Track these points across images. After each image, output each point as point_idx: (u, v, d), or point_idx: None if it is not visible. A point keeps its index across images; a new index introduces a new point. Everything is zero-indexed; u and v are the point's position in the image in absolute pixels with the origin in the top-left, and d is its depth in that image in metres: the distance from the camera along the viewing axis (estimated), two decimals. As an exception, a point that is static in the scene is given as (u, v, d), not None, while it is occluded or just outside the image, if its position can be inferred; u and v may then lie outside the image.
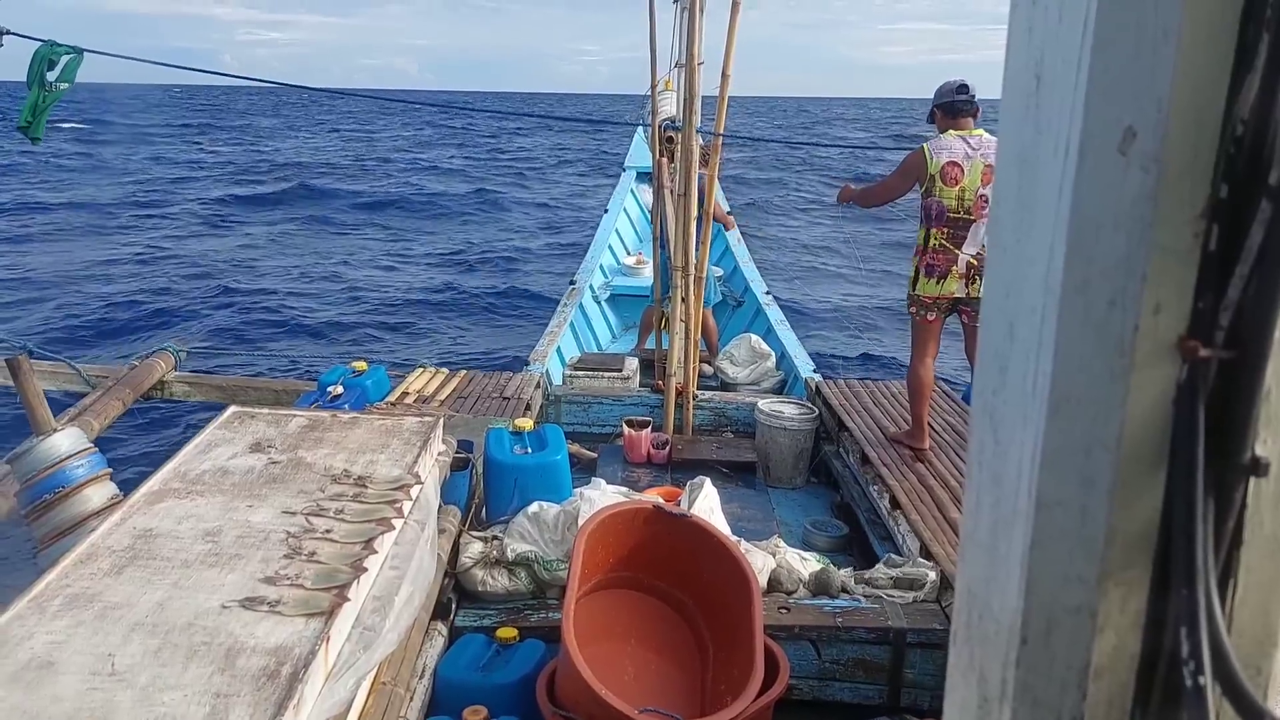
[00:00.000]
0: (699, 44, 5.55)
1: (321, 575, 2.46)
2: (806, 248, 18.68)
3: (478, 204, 24.27)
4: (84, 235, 17.95)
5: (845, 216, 14.77)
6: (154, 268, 15.00)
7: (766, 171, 32.20)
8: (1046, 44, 0.71)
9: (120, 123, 51.11)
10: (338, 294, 13.85)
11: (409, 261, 16.73)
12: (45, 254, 15.73)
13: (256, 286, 13.97)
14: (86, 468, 3.88)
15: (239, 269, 15.29)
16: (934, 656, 3.55)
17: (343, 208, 22.80)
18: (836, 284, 15.46)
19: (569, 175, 32.84)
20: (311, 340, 11.44)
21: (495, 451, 4.08)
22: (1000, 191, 0.80)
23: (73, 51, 4.89)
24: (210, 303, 12.89)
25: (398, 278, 15.22)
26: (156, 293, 13.25)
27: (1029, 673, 0.75)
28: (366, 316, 12.60)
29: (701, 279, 6.05)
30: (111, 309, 12.26)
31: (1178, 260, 0.65)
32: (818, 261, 17.32)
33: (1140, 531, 0.69)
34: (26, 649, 2.08)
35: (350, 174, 29.77)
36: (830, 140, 40.73)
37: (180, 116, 64.22)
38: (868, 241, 17.71)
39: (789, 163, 35.62)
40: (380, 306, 13.17)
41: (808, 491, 5.66)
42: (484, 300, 13.68)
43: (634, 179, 12.06)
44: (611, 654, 3.22)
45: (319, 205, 22.79)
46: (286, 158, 34.93)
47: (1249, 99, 0.62)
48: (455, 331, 12.22)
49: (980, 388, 0.83)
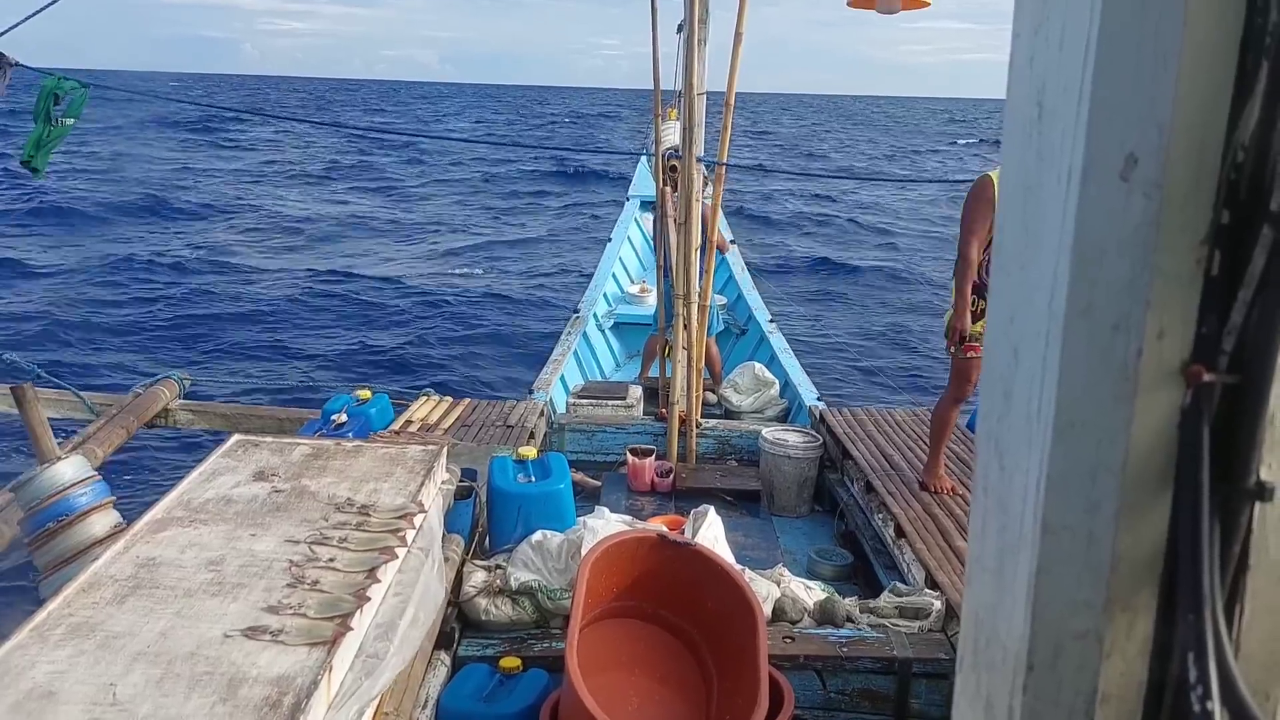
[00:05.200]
0: (698, 74, 5.59)
1: (325, 604, 2.45)
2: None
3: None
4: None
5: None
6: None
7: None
8: (1048, 73, 0.72)
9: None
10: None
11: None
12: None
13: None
14: (90, 496, 3.88)
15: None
16: (939, 686, 3.53)
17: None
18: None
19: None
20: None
21: (499, 480, 4.08)
22: (1004, 218, 0.80)
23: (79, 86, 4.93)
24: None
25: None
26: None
27: (1036, 699, 0.75)
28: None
29: (705, 307, 6.06)
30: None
31: (1181, 285, 0.65)
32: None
33: (1146, 556, 0.69)
34: (28, 679, 2.07)
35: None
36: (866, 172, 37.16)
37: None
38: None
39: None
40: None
41: (812, 520, 5.64)
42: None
43: (638, 207, 12.12)
44: (615, 684, 3.20)
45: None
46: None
47: (1249, 125, 0.62)
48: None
49: (985, 413, 0.83)
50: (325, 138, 45.86)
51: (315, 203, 25.83)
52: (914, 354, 12.75)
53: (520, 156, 37.41)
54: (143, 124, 45.35)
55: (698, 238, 5.80)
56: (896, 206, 28.39)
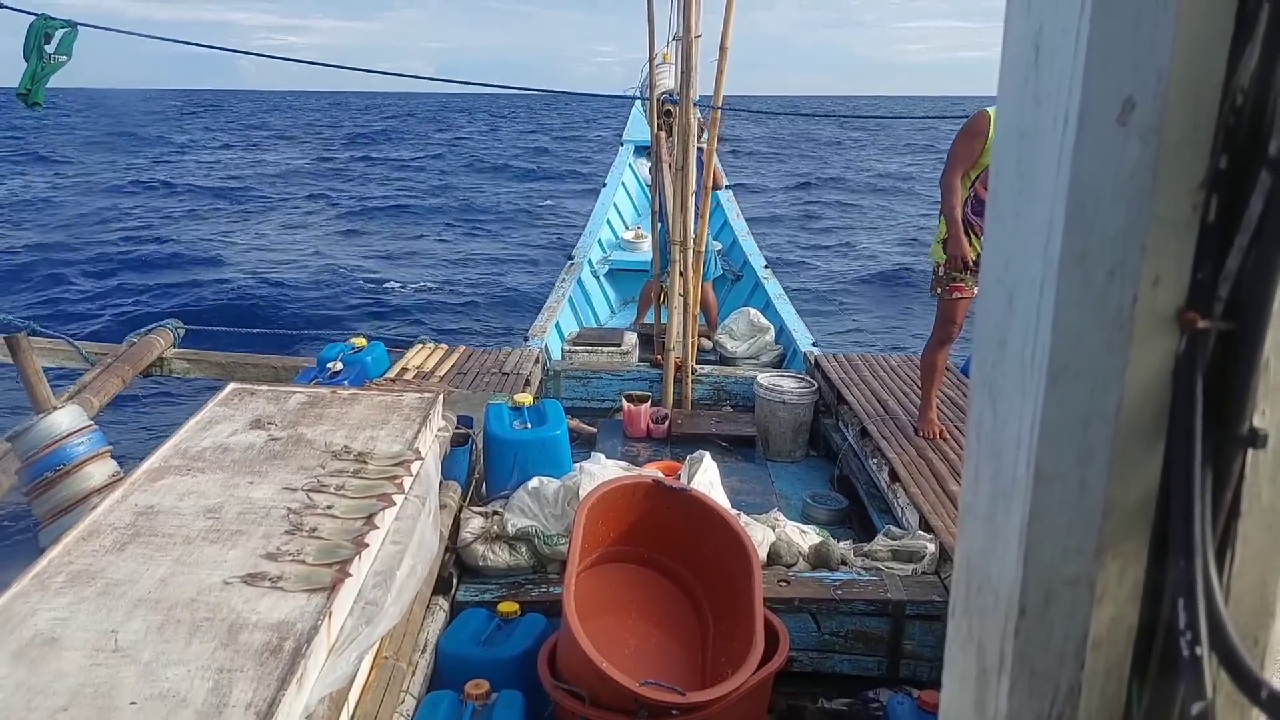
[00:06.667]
0: (696, 16, 5.52)
1: (323, 551, 2.47)
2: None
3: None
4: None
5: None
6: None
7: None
8: (1045, 15, 0.71)
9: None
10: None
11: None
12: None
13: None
14: (87, 445, 3.88)
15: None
16: (933, 628, 3.57)
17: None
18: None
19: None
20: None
21: (495, 427, 4.08)
22: (999, 163, 0.79)
23: (67, 25, 4.87)
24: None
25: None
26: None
27: (1027, 644, 0.75)
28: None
29: (700, 253, 6.04)
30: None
31: (1176, 232, 0.65)
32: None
33: (1138, 503, 0.69)
34: (30, 626, 2.09)
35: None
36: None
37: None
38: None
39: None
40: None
41: (807, 465, 5.67)
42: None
43: (632, 153, 12.01)
44: (612, 628, 3.23)
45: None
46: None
47: (1249, 69, 0.61)
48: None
49: (979, 360, 0.83)
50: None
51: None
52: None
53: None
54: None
55: (693, 183, 5.77)
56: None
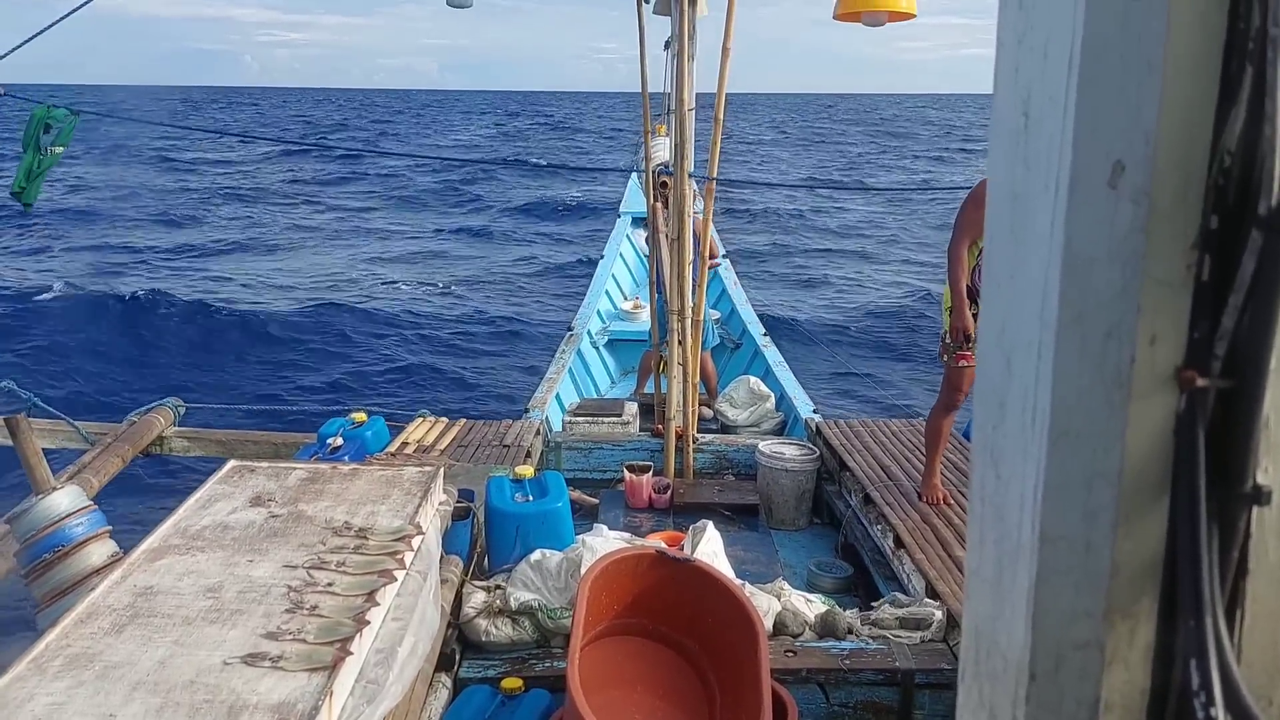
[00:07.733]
0: (689, 90, 5.61)
1: (324, 629, 2.44)
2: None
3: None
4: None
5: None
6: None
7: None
8: (1033, 83, 0.72)
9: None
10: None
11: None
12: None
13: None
14: (86, 525, 3.85)
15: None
16: (943, 697, 3.51)
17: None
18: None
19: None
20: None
21: (496, 500, 4.07)
22: (993, 227, 0.80)
23: (69, 114, 4.94)
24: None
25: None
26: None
27: (1039, 709, 0.74)
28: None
29: (699, 322, 6.07)
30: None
31: (1172, 291, 0.65)
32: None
33: (1145, 563, 0.69)
34: (27, 711, 2.06)
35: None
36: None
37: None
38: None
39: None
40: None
41: (811, 533, 5.63)
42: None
43: (629, 224, 12.15)
44: (618, 702, 3.18)
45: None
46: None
47: (1235, 131, 0.62)
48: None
49: (980, 423, 0.83)
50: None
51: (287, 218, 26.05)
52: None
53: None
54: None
55: (690, 253, 5.82)
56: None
